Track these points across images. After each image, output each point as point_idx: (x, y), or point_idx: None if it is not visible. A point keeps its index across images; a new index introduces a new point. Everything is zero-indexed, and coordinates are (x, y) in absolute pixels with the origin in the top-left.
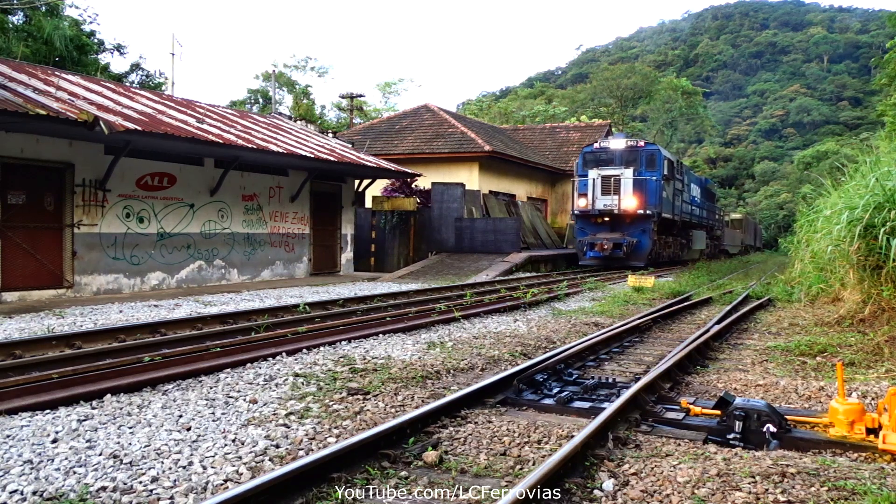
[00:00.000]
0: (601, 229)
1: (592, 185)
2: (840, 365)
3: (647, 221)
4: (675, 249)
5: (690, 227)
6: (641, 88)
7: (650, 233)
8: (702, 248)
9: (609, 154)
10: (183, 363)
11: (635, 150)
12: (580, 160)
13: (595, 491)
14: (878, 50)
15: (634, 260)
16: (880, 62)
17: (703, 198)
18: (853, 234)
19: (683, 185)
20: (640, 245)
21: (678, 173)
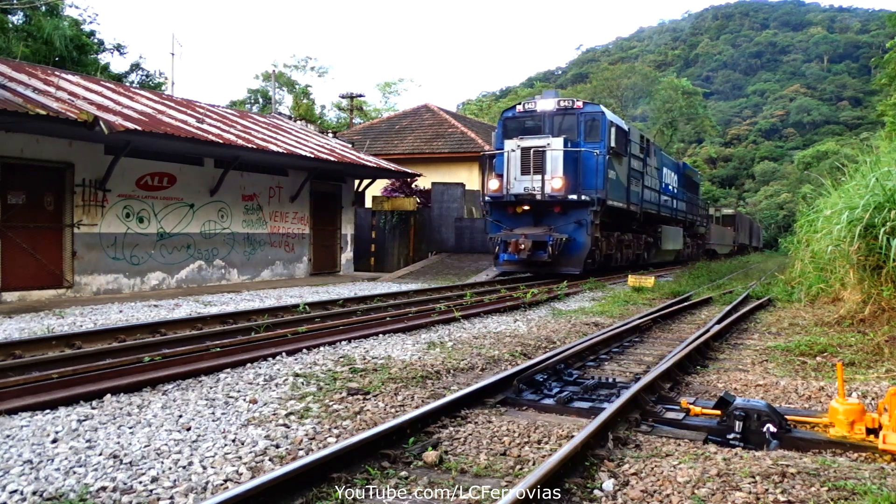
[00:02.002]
0: (521, 222)
1: (508, 162)
2: (840, 365)
3: (584, 211)
4: (636, 249)
5: (660, 221)
6: (641, 88)
7: (588, 227)
8: (678, 248)
9: (536, 119)
10: (183, 363)
11: (570, 114)
12: (499, 128)
13: (595, 491)
14: (878, 50)
15: (565, 265)
16: (880, 62)
17: (680, 186)
18: (853, 234)
19: (647, 167)
20: (574, 244)
21: (643, 151)
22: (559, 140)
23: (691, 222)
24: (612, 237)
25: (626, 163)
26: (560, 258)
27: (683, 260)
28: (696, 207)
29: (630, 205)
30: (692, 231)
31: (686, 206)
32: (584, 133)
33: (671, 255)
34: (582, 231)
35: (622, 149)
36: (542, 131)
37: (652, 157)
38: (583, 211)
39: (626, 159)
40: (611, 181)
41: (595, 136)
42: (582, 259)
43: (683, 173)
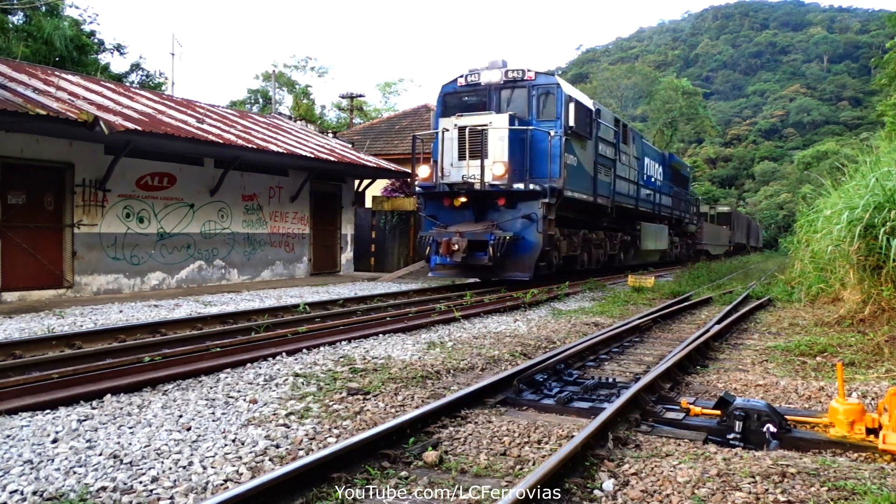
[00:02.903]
0: (459, 218)
1: (442, 144)
2: (840, 365)
3: (535, 203)
4: (609, 250)
5: (639, 217)
6: (641, 88)
7: (540, 223)
8: (662, 248)
9: (480, 94)
10: (183, 363)
11: (520, 86)
12: (438, 106)
13: (595, 491)
14: (878, 50)
15: (511, 268)
16: (880, 62)
17: (666, 179)
18: (853, 234)
19: (622, 154)
20: (522, 244)
21: (617, 137)
22: (503, 117)
23: (679, 219)
24: (577, 235)
25: (591, 148)
26: (505, 261)
27: (670, 261)
28: (684, 203)
29: (598, 197)
30: (680, 229)
31: (673, 202)
32: (536, 109)
33: (654, 256)
34: (532, 228)
35: (585, 130)
36: (488, 108)
37: (630, 144)
38: (533, 203)
39: (591, 143)
40: (570, 168)
41: (550, 114)
42: (532, 262)
43: (669, 165)
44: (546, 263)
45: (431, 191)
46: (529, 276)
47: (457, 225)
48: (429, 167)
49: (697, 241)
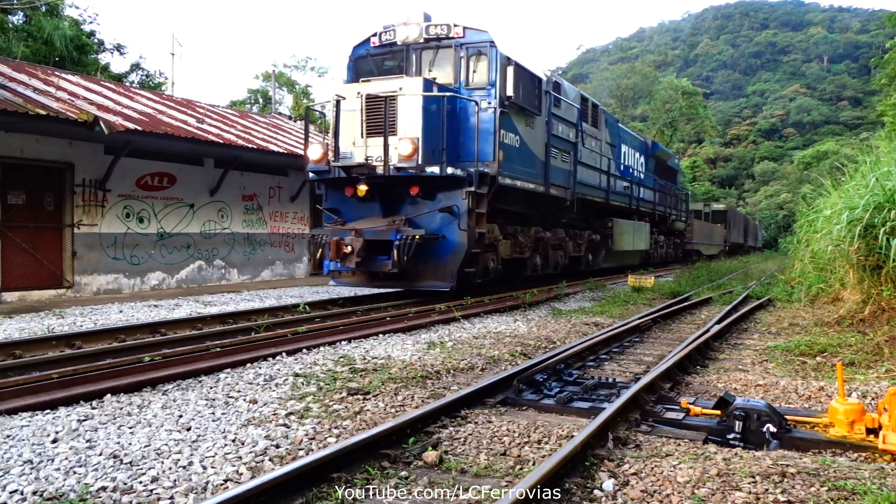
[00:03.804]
0: (366, 211)
1: (340, 116)
2: (840, 365)
3: (457, 193)
4: (572, 251)
5: (612, 212)
6: (641, 88)
7: (464, 218)
8: (641, 249)
9: (398, 57)
10: (183, 363)
11: (445, 45)
12: (349, 73)
13: (595, 491)
14: (878, 50)
15: (427, 277)
16: (880, 62)
17: (649, 171)
18: (853, 234)
19: (587, 138)
20: (442, 245)
21: (585, 117)
22: (416, 81)
23: (663, 216)
24: (525, 234)
25: (541, 126)
26: (418, 266)
27: (654, 263)
28: (672, 198)
29: (551, 187)
30: (666, 227)
31: (657, 196)
32: (465, 74)
33: (633, 258)
34: (454, 225)
35: (532, 103)
36: (408, 73)
37: (601, 128)
38: (455, 194)
39: (541, 121)
40: (509, 149)
41: (481, 80)
42: (454, 267)
43: (653, 154)
44: (477, 269)
45: (326, 176)
46: (451, 285)
47: (362, 221)
48: (321, 146)
49: (687, 241)
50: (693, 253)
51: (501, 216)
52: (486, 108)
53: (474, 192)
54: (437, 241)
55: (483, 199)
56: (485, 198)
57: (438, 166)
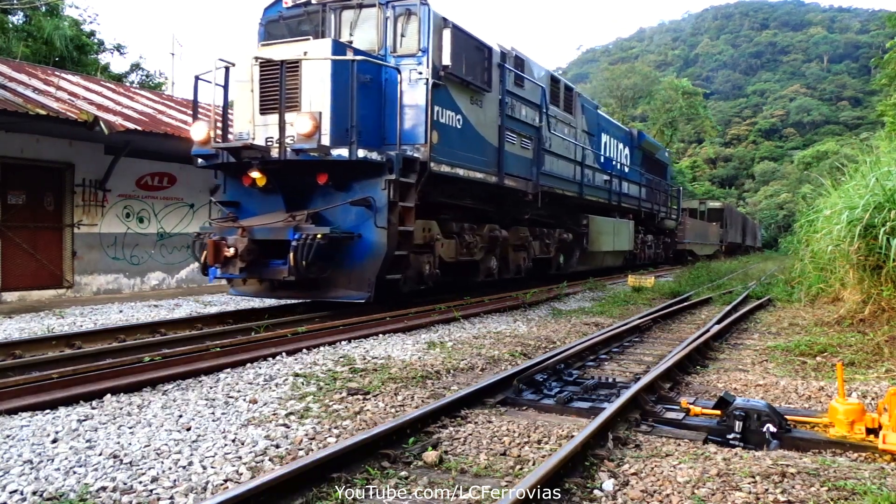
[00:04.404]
0: (271, 204)
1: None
2: (840, 365)
3: (376, 182)
4: (538, 251)
5: (587, 208)
6: (641, 88)
7: (384, 212)
8: (623, 249)
9: (314, 20)
10: (183, 363)
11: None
12: (259, 37)
13: (595, 491)
14: (878, 50)
15: (338, 285)
16: (880, 62)
17: (634, 164)
18: (853, 234)
19: (552, 121)
20: (357, 247)
21: (544, 98)
22: (322, 44)
23: (650, 213)
24: (476, 233)
25: (492, 106)
26: (325, 272)
27: (640, 264)
28: (661, 194)
29: (507, 178)
30: (653, 225)
31: (643, 192)
32: (391, 38)
33: (614, 259)
34: (370, 222)
35: (479, 77)
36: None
37: (576, 113)
38: (373, 183)
39: (491, 99)
40: (447, 131)
41: (410, 46)
42: (371, 273)
43: (639, 146)
44: (408, 275)
45: (214, 161)
46: (367, 295)
47: (259, 217)
48: (207, 125)
49: (679, 240)
50: (686, 253)
51: (445, 211)
52: (417, 79)
53: (397, 182)
54: (352, 241)
55: (410, 189)
56: (413, 188)
57: (346, 148)
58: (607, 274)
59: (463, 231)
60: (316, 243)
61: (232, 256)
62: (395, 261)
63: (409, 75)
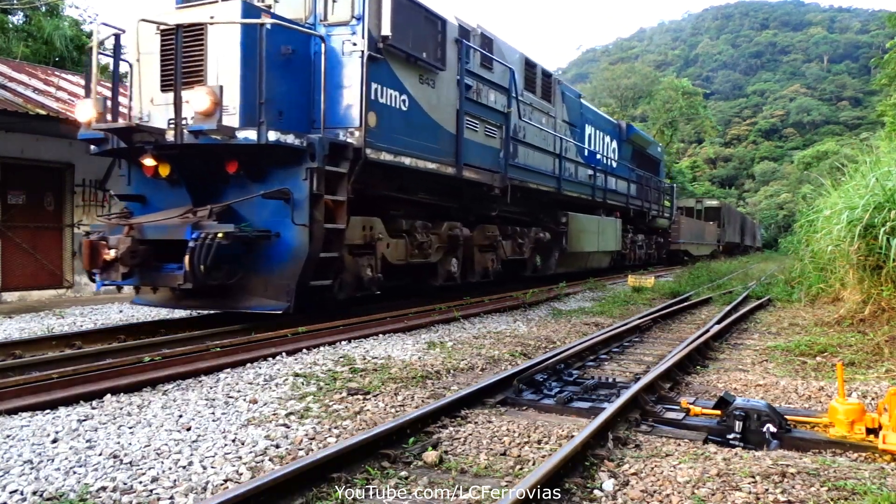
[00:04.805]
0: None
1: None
2: (840, 365)
3: (296, 172)
4: (504, 253)
5: (567, 205)
6: (641, 88)
7: (305, 207)
8: (610, 250)
9: None
10: (183, 363)
11: None
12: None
13: (595, 491)
14: (878, 50)
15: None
16: (880, 62)
17: (622, 158)
18: (853, 234)
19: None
20: (274, 248)
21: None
22: (231, 7)
23: (641, 211)
24: (432, 231)
25: (448, 87)
26: (239, 278)
27: (630, 265)
28: (654, 191)
29: (466, 169)
30: (644, 224)
31: (633, 188)
32: (321, 6)
33: (599, 260)
34: (286, 221)
35: (430, 53)
36: None
37: (556, 102)
38: (293, 172)
39: (447, 79)
40: (389, 113)
41: (342, 13)
42: (291, 280)
43: (629, 140)
44: (342, 280)
45: (104, 147)
46: (286, 305)
47: (160, 213)
48: (96, 103)
49: (673, 240)
50: (680, 254)
51: (394, 207)
52: (350, 51)
53: (322, 171)
54: (268, 241)
55: (342, 180)
56: (345, 179)
57: (254, 130)
58: (595, 276)
59: (414, 229)
60: (216, 244)
61: (113, 260)
62: (321, 264)
63: (342, 47)
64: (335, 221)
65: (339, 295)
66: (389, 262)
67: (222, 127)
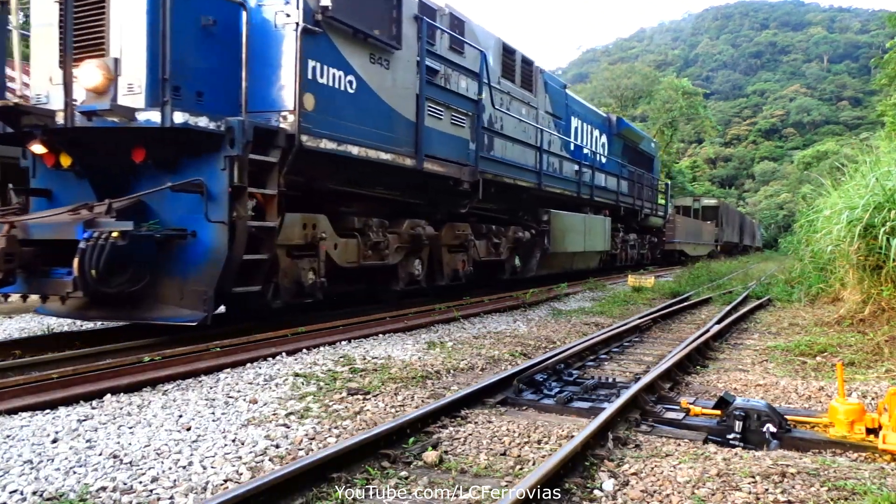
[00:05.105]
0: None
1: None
2: (840, 365)
3: (213, 161)
4: (478, 253)
5: (553, 202)
6: (641, 88)
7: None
8: (599, 250)
9: None
10: (183, 363)
11: None
12: None
13: (595, 491)
14: (878, 50)
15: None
16: (880, 62)
17: (612, 154)
18: (853, 234)
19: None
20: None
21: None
22: None
23: (632, 209)
24: (390, 229)
25: (407, 68)
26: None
27: (621, 266)
28: (647, 189)
29: (428, 160)
30: (635, 223)
31: (623, 185)
32: None
33: (587, 260)
34: (199, 218)
35: (382, 27)
36: None
37: (537, 92)
38: (209, 161)
39: (405, 59)
40: (331, 95)
41: None
42: (209, 287)
43: (619, 134)
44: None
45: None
46: (202, 316)
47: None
48: None
49: (667, 240)
50: (675, 254)
51: (345, 202)
52: (283, 23)
53: (245, 159)
54: (184, 241)
55: (272, 171)
56: (275, 169)
57: (158, 110)
58: (583, 278)
59: (368, 228)
60: (110, 245)
61: None
62: (247, 267)
63: (274, 19)
64: (265, 218)
65: (274, 303)
66: (338, 264)
67: (117, 107)
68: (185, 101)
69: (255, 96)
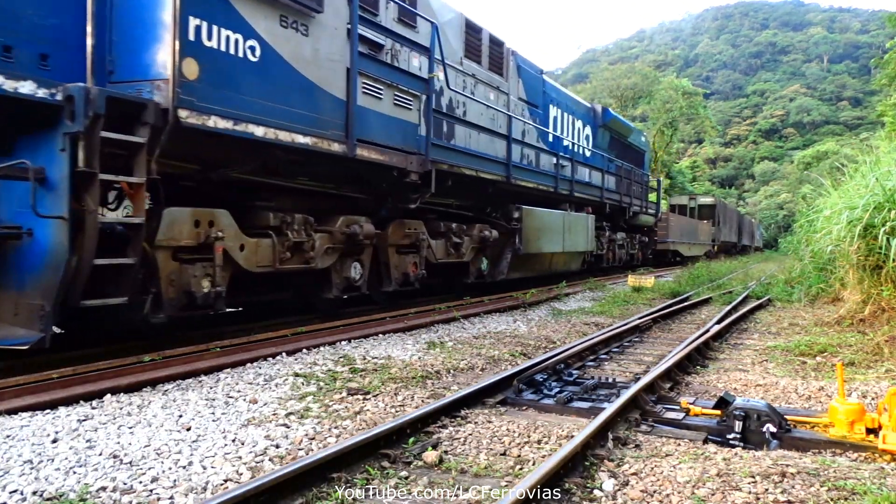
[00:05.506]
0: None
1: None
2: (840, 365)
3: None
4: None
5: (526, 198)
6: (641, 88)
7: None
8: (580, 250)
9: None
10: (183, 363)
11: None
12: None
13: (595, 491)
14: (878, 50)
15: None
16: (880, 62)
17: (598, 147)
18: (853, 234)
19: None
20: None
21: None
22: None
23: (619, 207)
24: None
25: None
26: None
27: (608, 267)
28: (637, 186)
29: (364, 146)
30: (623, 221)
31: (610, 181)
32: None
33: (568, 261)
34: (40, 208)
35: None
36: None
37: (508, 76)
38: (46, 139)
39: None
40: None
41: None
42: (45, 301)
43: (605, 126)
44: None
45: None
46: (38, 336)
47: None
48: None
49: (660, 239)
50: (669, 254)
51: (263, 196)
52: None
53: (96, 138)
54: (18, 242)
55: (139, 153)
56: (142, 151)
57: None
58: (567, 280)
59: (286, 226)
60: None
61: None
62: (102, 274)
63: None
64: (135, 213)
65: (152, 318)
66: (245, 269)
67: None
68: (19, 65)
69: (123, 62)
